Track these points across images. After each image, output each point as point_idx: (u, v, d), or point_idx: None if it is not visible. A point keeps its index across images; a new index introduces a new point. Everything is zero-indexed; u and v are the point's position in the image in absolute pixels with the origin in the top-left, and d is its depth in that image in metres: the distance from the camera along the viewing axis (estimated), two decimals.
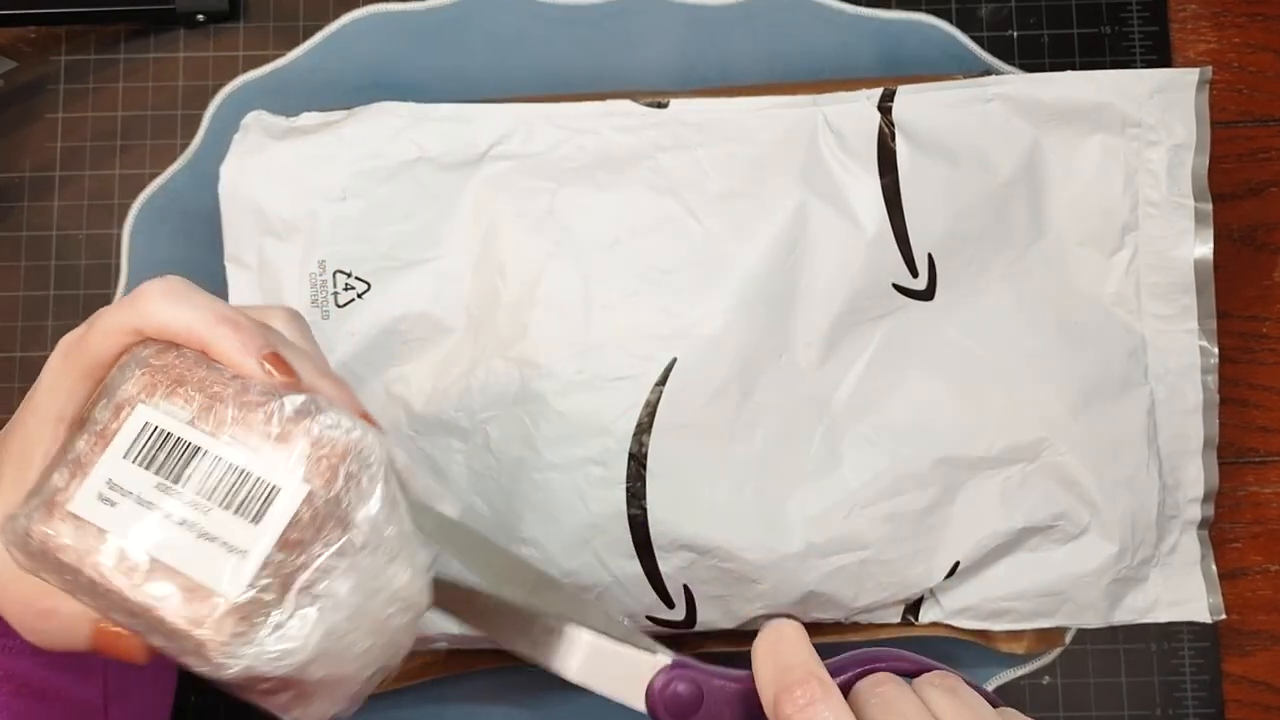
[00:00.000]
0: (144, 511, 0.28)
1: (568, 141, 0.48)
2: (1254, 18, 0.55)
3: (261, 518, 0.28)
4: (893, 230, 0.47)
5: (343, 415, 0.29)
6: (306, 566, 0.27)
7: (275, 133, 0.48)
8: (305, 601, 0.27)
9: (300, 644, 0.27)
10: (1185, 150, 0.48)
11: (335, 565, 0.27)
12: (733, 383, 0.46)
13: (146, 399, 0.29)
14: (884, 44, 0.53)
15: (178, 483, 0.28)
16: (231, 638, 0.27)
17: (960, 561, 0.47)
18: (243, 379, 0.30)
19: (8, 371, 0.54)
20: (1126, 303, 0.49)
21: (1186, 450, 0.49)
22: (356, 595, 0.28)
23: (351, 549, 0.28)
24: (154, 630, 0.28)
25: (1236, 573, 0.53)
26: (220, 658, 0.27)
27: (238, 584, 0.27)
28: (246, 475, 0.28)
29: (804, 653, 0.30)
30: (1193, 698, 0.52)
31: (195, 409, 0.29)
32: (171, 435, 0.29)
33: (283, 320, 0.34)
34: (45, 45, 0.55)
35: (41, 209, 0.54)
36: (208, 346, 0.30)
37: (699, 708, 0.31)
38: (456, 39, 0.53)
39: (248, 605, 0.27)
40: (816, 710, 0.28)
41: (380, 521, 0.28)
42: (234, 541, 0.28)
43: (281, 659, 0.27)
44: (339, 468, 0.28)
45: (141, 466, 0.29)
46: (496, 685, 0.52)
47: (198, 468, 0.28)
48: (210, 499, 0.28)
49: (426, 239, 0.48)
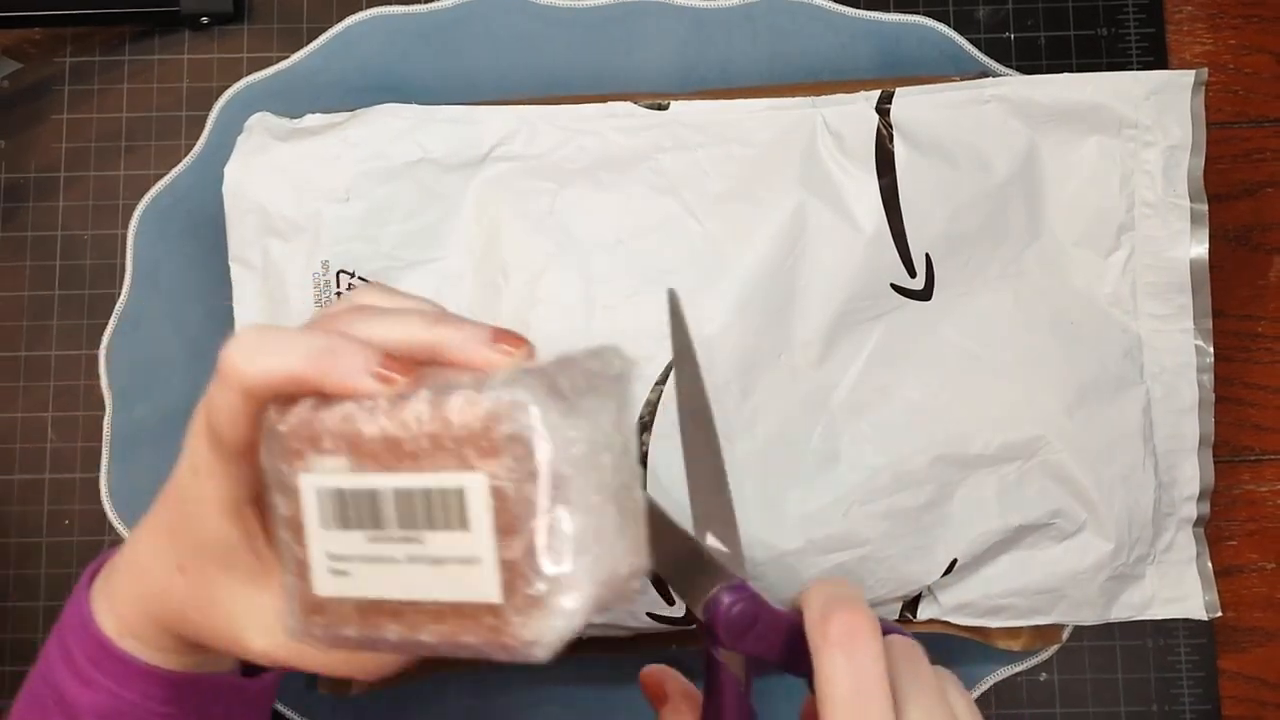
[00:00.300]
0: (375, 565, 0.28)
1: (569, 142, 0.48)
2: (1249, 20, 0.55)
3: (468, 521, 0.27)
4: (891, 231, 0.47)
5: (467, 387, 0.27)
6: (536, 531, 0.26)
7: (279, 134, 0.48)
8: (560, 559, 0.26)
9: (580, 596, 0.26)
10: (1181, 151, 0.48)
11: (557, 513, 0.26)
12: (732, 382, 0.46)
13: (302, 468, 0.28)
14: (882, 46, 0.54)
15: (381, 528, 0.28)
16: (524, 630, 0.26)
17: (958, 558, 0.47)
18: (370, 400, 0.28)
19: (12, 371, 0.54)
20: (1122, 302, 0.49)
21: (1182, 448, 0.50)
22: (590, 516, 0.27)
23: (559, 491, 0.26)
24: (459, 650, 0.28)
25: (1232, 570, 0.54)
26: (533, 653, 0.26)
27: (494, 589, 0.26)
28: (428, 493, 0.27)
29: (857, 594, 0.31)
30: (1189, 694, 0.53)
31: (346, 455, 0.28)
32: (343, 490, 0.28)
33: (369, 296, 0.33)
34: (50, 47, 0.55)
35: (47, 209, 0.55)
36: (319, 388, 0.28)
37: (749, 631, 0.32)
38: (459, 41, 0.54)
39: (519, 602, 0.26)
40: (861, 639, 0.29)
41: (559, 451, 0.26)
42: (462, 554, 0.27)
43: (576, 616, 0.26)
44: (497, 437, 0.26)
45: (343, 529, 0.28)
46: (496, 682, 0.52)
47: (385, 507, 0.27)
48: (416, 528, 0.27)
49: (429, 239, 0.48)
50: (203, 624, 0.33)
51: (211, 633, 0.33)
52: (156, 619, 0.34)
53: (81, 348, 0.54)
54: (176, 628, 0.34)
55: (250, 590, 0.32)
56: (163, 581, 0.33)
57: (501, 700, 0.52)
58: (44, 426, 0.54)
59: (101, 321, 0.53)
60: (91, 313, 0.54)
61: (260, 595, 0.32)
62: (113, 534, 0.53)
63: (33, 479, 0.54)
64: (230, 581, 0.32)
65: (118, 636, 0.35)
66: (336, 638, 0.29)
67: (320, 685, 0.50)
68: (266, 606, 0.32)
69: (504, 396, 0.26)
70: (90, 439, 0.53)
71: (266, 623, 0.32)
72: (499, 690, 0.52)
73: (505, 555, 0.26)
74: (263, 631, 0.32)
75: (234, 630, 0.32)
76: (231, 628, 0.33)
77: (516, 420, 0.26)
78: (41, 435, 0.54)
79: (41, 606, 0.53)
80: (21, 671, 0.52)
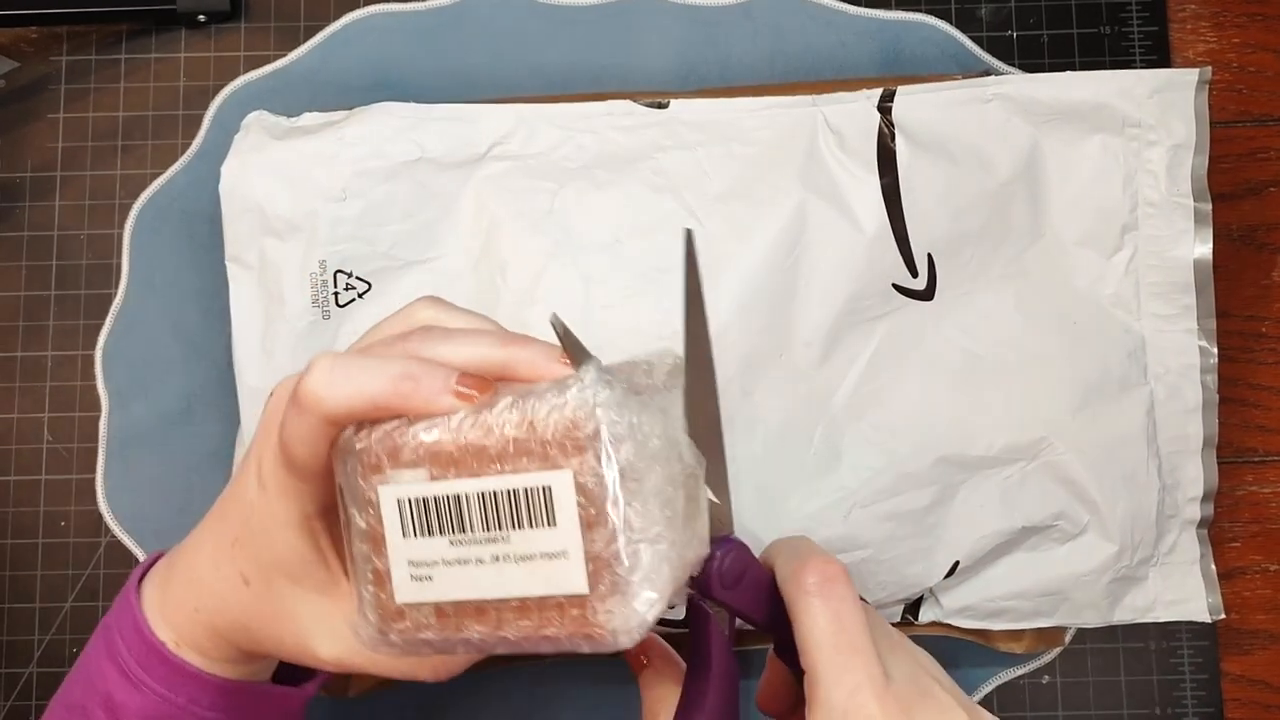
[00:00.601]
0: (458, 568, 0.29)
1: (568, 141, 0.48)
2: (1253, 18, 0.55)
3: (555, 518, 0.28)
4: (892, 230, 0.47)
5: (547, 392, 0.29)
6: (617, 529, 0.28)
7: (276, 133, 0.48)
8: (639, 552, 0.28)
9: (660, 583, 0.28)
10: (1184, 150, 0.48)
11: (635, 507, 0.28)
12: (733, 382, 0.46)
13: (380, 481, 0.29)
14: (884, 44, 0.53)
15: (465, 531, 0.29)
16: (609, 618, 0.28)
17: (960, 561, 0.47)
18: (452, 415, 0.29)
19: (9, 371, 0.54)
20: (1126, 302, 0.49)
21: (1186, 450, 0.49)
22: (666, 507, 0.28)
23: (636, 487, 0.28)
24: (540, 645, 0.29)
25: (1235, 572, 0.53)
26: (618, 640, 0.28)
27: (581, 581, 0.28)
28: (514, 493, 0.28)
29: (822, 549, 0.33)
30: (1192, 697, 0.52)
31: (426, 464, 0.29)
32: (426, 499, 0.29)
33: (429, 312, 0.34)
34: (46, 45, 0.55)
35: (43, 209, 0.54)
36: (401, 411, 0.29)
37: (739, 583, 0.32)
38: (457, 39, 0.54)
39: (604, 590, 0.28)
40: (838, 585, 0.31)
41: (638, 447, 0.28)
42: (549, 549, 0.28)
43: (656, 603, 0.28)
44: (580, 437, 0.28)
45: (425, 536, 0.29)
46: (496, 685, 0.52)
47: (470, 510, 0.29)
48: (502, 528, 0.29)
49: (427, 239, 0.48)
50: (267, 634, 0.34)
51: (277, 643, 0.34)
52: (216, 630, 0.35)
53: (78, 348, 0.54)
54: (237, 638, 0.35)
55: (319, 600, 0.33)
56: (226, 594, 0.34)
57: (500, 702, 0.52)
58: (40, 427, 0.54)
59: (98, 321, 0.53)
60: (88, 313, 0.54)
61: (329, 604, 0.33)
62: (109, 535, 0.53)
63: (29, 480, 0.53)
64: (298, 592, 0.33)
65: (174, 645, 0.35)
66: (415, 642, 0.30)
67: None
68: (335, 615, 0.33)
69: (586, 398, 0.28)
70: (87, 439, 0.53)
71: (336, 631, 0.33)
72: (497, 692, 0.52)
73: (590, 548, 0.28)
74: (333, 639, 0.33)
75: (302, 639, 0.33)
76: (300, 637, 0.34)
77: (598, 420, 0.28)
78: (38, 436, 0.53)
79: (37, 608, 0.53)
80: (17, 674, 0.52)
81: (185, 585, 0.35)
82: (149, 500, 0.53)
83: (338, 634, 0.33)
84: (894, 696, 0.30)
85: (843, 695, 0.30)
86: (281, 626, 0.34)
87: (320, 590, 0.33)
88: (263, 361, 0.48)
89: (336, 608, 0.33)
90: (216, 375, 0.52)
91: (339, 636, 0.33)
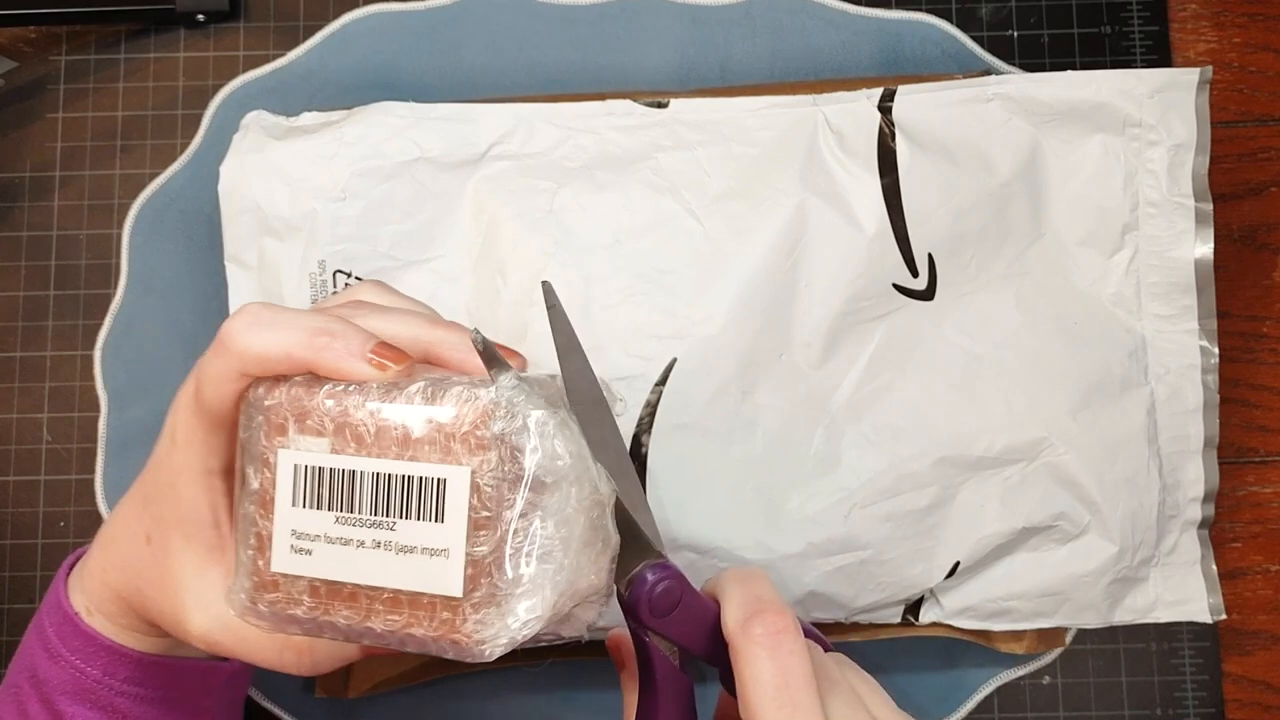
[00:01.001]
0: (339, 547, 0.28)
1: (567, 141, 0.48)
2: (1254, 17, 0.55)
3: (444, 514, 0.27)
4: (893, 230, 0.47)
5: (464, 383, 0.28)
6: (508, 534, 0.27)
7: (275, 132, 0.48)
8: (525, 563, 0.27)
9: (539, 602, 0.27)
10: (1185, 150, 0.48)
11: (529, 519, 0.27)
12: (732, 382, 0.46)
13: (282, 444, 0.29)
14: (884, 44, 0.53)
15: (353, 510, 0.28)
16: (479, 628, 0.27)
17: (960, 561, 0.47)
18: (360, 385, 0.29)
19: (8, 371, 0.54)
20: (1127, 303, 0.49)
21: (1186, 450, 0.49)
22: (564, 527, 0.27)
23: (534, 498, 0.27)
24: (405, 643, 0.28)
25: (1236, 573, 0.53)
26: (483, 651, 0.27)
27: (457, 583, 0.27)
28: (409, 480, 0.28)
29: (775, 591, 0.31)
30: (1193, 697, 0.52)
31: (330, 435, 0.29)
32: (323, 469, 0.29)
33: (370, 292, 0.34)
34: (45, 45, 0.55)
35: (42, 209, 0.54)
36: (312, 366, 0.29)
37: (672, 612, 0.31)
38: (456, 39, 0.53)
39: (479, 599, 0.27)
40: (786, 638, 0.30)
41: (545, 459, 0.27)
42: (432, 544, 0.27)
43: (531, 623, 0.27)
44: (486, 435, 0.27)
45: (314, 508, 0.29)
46: (496, 685, 0.52)
47: (362, 490, 0.28)
48: (389, 514, 0.28)
49: (426, 239, 0.48)
50: (153, 598, 0.34)
51: (159, 609, 0.34)
52: (119, 593, 0.35)
53: (77, 348, 0.54)
54: (134, 602, 0.35)
55: (203, 566, 0.33)
56: (130, 553, 0.34)
57: (494, 705, 0.52)
58: (39, 428, 0.53)
59: (97, 322, 0.53)
60: (87, 313, 0.54)
61: (211, 572, 0.33)
62: None
63: (28, 480, 0.53)
64: (187, 553, 0.33)
65: (85, 614, 0.35)
66: (283, 617, 0.29)
67: (318, 689, 0.50)
68: (214, 586, 0.33)
69: (502, 398, 0.27)
70: (86, 440, 0.53)
71: (210, 602, 0.32)
72: (491, 695, 0.52)
73: (474, 551, 0.27)
74: (205, 611, 0.33)
75: (179, 606, 0.33)
76: (177, 604, 0.33)
77: (510, 422, 0.27)
78: (37, 436, 0.53)
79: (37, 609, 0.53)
80: None
81: (100, 549, 0.36)
82: None
83: (212, 606, 0.33)
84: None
85: None
86: (165, 590, 0.33)
87: (207, 554, 0.33)
88: None
89: (217, 578, 0.33)
90: None
91: (212, 609, 0.33)
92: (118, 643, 0.35)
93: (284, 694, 0.51)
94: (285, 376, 0.30)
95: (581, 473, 0.28)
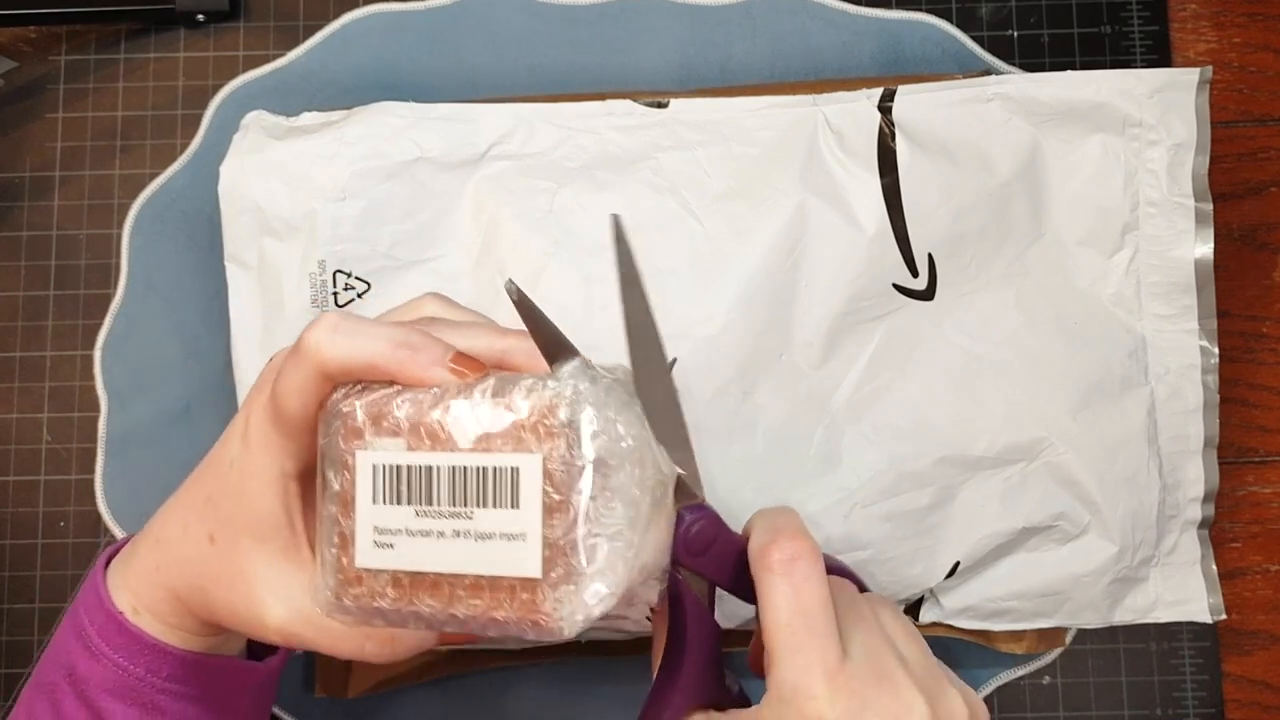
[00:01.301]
0: (420, 539, 0.30)
1: (568, 141, 0.48)
2: (1254, 17, 0.55)
3: (519, 500, 0.29)
4: (893, 230, 0.47)
5: (533, 377, 0.29)
6: (578, 518, 0.28)
7: (275, 132, 0.48)
8: (596, 545, 0.28)
9: (613, 579, 0.28)
10: (1185, 150, 0.48)
11: (599, 501, 0.28)
12: (733, 382, 0.46)
13: (360, 446, 0.30)
14: (884, 44, 0.53)
15: (432, 503, 0.30)
16: (557, 606, 0.28)
17: (960, 561, 0.47)
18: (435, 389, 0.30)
19: (8, 371, 0.54)
20: (1127, 302, 0.49)
21: (1186, 450, 0.49)
22: (630, 508, 0.29)
23: (603, 481, 0.28)
24: (488, 627, 0.29)
25: (1236, 573, 0.53)
26: (562, 629, 0.28)
27: (535, 565, 0.28)
28: (484, 471, 0.29)
29: (798, 522, 0.33)
30: (1193, 697, 0.52)
31: (407, 434, 0.30)
32: (400, 467, 0.30)
33: (434, 306, 0.35)
34: (45, 45, 0.55)
35: (42, 209, 0.54)
36: (394, 376, 0.30)
37: (707, 551, 0.32)
38: (456, 38, 0.53)
39: (556, 578, 0.28)
40: (802, 564, 0.31)
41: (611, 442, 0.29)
42: (509, 530, 0.29)
43: (606, 598, 0.28)
44: (554, 424, 0.28)
45: (393, 504, 0.30)
46: (497, 685, 0.52)
47: (439, 483, 0.29)
48: (467, 505, 0.29)
49: (426, 239, 0.48)
50: (222, 596, 0.34)
51: (229, 606, 0.34)
52: (174, 591, 0.35)
53: (77, 348, 0.54)
54: (193, 600, 0.35)
55: (279, 564, 0.34)
56: (188, 551, 0.35)
57: (499, 704, 0.52)
58: (39, 427, 0.53)
59: (97, 322, 0.53)
60: (87, 313, 0.54)
61: (288, 570, 0.34)
62: (108, 535, 0.53)
63: (28, 480, 0.53)
64: (261, 554, 0.34)
65: (131, 612, 0.36)
66: (369, 610, 0.31)
67: (318, 689, 0.50)
68: (291, 583, 0.34)
69: (566, 388, 0.29)
70: (86, 440, 0.53)
71: (290, 598, 0.33)
72: (496, 694, 0.52)
73: (549, 534, 0.28)
74: (285, 605, 0.33)
75: (255, 603, 0.34)
76: (252, 600, 0.34)
77: (574, 410, 0.28)
78: (36, 436, 0.53)
79: (37, 609, 0.53)
80: (17, 674, 0.52)
81: (150, 548, 0.36)
82: (148, 500, 0.52)
83: (291, 601, 0.33)
84: (846, 676, 0.30)
85: (793, 674, 0.30)
86: (236, 588, 0.34)
87: (282, 554, 0.34)
88: (262, 361, 0.47)
89: (294, 575, 0.34)
90: (216, 375, 0.52)
91: (291, 603, 0.33)
92: (163, 641, 0.36)
93: (284, 694, 0.51)
94: (363, 384, 0.31)
95: (644, 453, 0.29)
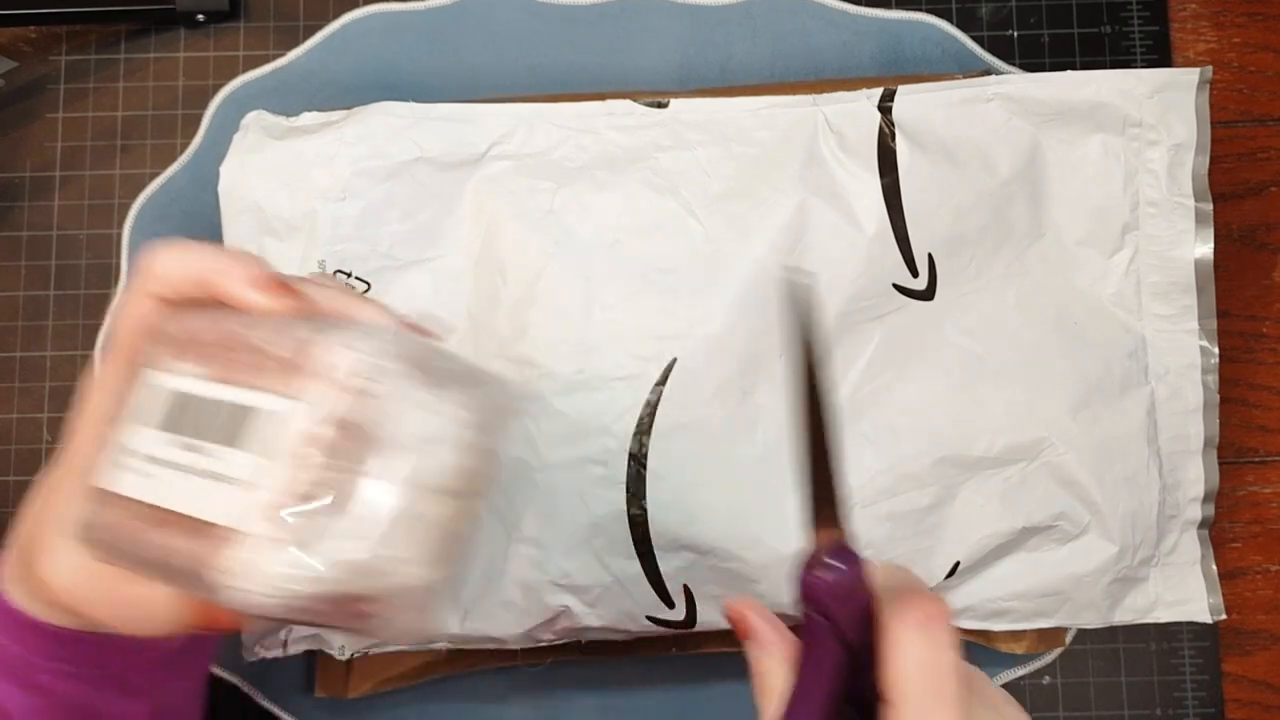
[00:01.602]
0: (164, 469, 0.28)
1: (568, 141, 0.48)
2: (1254, 17, 0.55)
3: (267, 448, 0.26)
4: (893, 230, 0.47)
5: (352, 331, 0.27)
6: (311, 484, 0.25)
7: (275, 132, 0.48)
8: (326, 517, 0.25)
9: (324, 562, 0.25)
10: (1185, 150, 0.48)
11: (359, 479, 0.26)
12: (732, 382, 0.46)
13: (156, 365, 0.29)
14: (884, 44, 0.53)
15: (197, 437, 0.27)
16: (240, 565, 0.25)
17: (960, 561, 0.47)
18: (256, 320, 0.28)
19: (8, 371, 0.54)
20: (1127, 302, 0.49)
21: (1186, 450, 0.49)
22: (389, 500, 0.26)
23: (358, 453, 0.26)
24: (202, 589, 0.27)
25: (1236, 573, 0.53)
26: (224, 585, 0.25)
27: (254, 517, 0.26)
28: (247, 409, 0.27)
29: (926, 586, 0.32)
30: (1193, 697, 0.52)
31: (209, 363, 0.28)
32: (186, 394, 0.28)
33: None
34: (46, 45, 0.55)
35: (42, 209, 0.54)
36: (213, 286, 0.30)
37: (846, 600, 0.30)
38: (456, 39, 0.53)
39: (262, 536, 0.25)
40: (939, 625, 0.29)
41: (385, 420, 0.26)
42: (244, 476, 0.26)
43: (303, 581, 0.25)
44: (349, 384, 0.26)
45: (162, 430, 0.28)
46: (496, 685, 0.52)
47: (214, 418, 0.27)
48: (215, 441, 0.27)
49: (426, 239, 0.48)
50: (35, 540, 0.32)
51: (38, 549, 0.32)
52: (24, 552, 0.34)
53: (77, 348, 0.54)
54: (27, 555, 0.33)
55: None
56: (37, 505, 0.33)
57: (497, 706, 0.52)
58: (39, 427, 0.53)
59: (97, 322, 0.53)
60: (87, 313, 0.54)
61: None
62: None
63: (28, 480, 0.53)
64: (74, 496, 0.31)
65: (9, 585, 0.34)
66: (98, 534, 0.29)
67: (318, 689, 0.50)
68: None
69: (363, 346, 0.26)
70: None
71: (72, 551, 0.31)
72: (491, 696, 0.52)
73: (288, 490, 0.25)
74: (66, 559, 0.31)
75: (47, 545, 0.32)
76: (46, 543, 0.32)
77: (372, 378, 0.26)
78: (37, 437, 0.53)
79: None
80: None
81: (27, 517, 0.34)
82: None
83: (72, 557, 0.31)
84: None
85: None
86: (44, 529, 0.32)
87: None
88: None
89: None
90: None
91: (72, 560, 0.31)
92: (34, 617, 0.34)
93: (284, 694, 0.51)
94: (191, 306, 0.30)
95: (438, 454, 0.27)
